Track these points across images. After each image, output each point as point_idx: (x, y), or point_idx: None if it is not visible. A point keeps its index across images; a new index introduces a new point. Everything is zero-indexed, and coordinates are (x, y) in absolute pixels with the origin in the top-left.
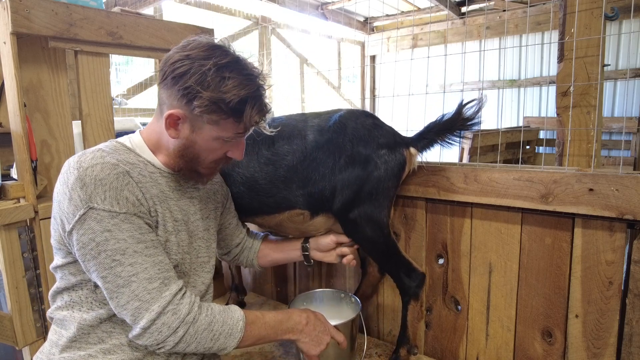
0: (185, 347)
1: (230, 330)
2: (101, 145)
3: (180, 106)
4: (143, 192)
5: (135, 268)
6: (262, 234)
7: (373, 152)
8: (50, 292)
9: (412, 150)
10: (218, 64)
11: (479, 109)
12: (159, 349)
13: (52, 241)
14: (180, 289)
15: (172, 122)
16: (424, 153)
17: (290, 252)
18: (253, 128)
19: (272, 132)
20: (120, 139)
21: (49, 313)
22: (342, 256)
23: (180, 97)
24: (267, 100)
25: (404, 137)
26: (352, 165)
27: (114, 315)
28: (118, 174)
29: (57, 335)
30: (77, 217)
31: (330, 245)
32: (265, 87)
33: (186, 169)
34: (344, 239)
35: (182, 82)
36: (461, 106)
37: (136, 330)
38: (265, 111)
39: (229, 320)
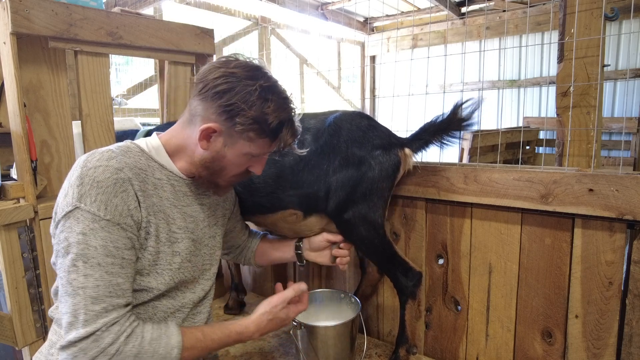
0: None
1: None
2: (113, 146)
3: (218, 121)
4: (140, 202)
5: (88, 281)
6: (262, 232)
7: (367, 154)
8: (52, 288)
9: (407, 151)
10: (262, 86)
11: (475, 110)
12: None
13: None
14: (116, 317)
15: (206, 135)
16: (420, 153)
17: (285, 251)
18: (285, 149)
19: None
20: (136, 141)
21: (50, 312)
22: (335, 257)
23: (220, 112)
24: (298, 124)
25: (399, 138)
26: (346, 166)
27: None
28: (117, 180)
29: (56, 335)
30: (64, 212)
31: (323, 244)
32: (296, 111)
33: (206, 179)
34: (336, 237)
35: (226, 98)
36: (457, 107)
37: (61, 342)
38: (297, 134)
39: (161, 349)
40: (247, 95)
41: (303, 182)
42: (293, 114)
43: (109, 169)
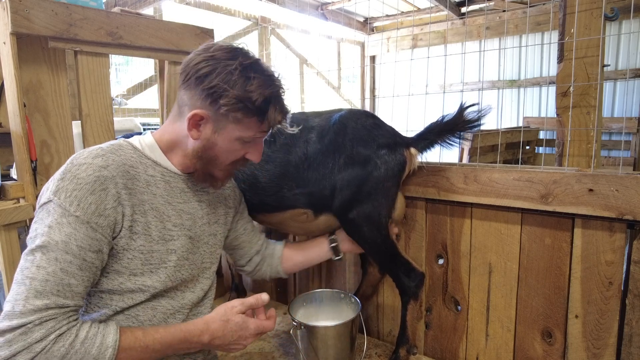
0: None
1: None
2: (104, 144)
3: (204, 106)
4: (122, 201)
5: (39, 273)
6: (282, 241)
7: (373, 152)
8: None
9: (413, 150)
10: (243, 64)
11: (480, 117)
12: None
13: None
14: (53, 314)
15: (195, 123)
16: (424, 153)
17: (314, 250)
18: (275, 128)
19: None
20: (130, 139)
21: None
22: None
23: (204, 97)
24: (286, 102)
25: (405, 137)
26: (351, 165)
27: (107, 318)
28: (98, 177)
29: None
30: (40, 204)
31: None
32: (284, 89)
33: (202, 171)
34: None
35: (208, 81)
36: (463, 108)
37: None
38: (286, 111)
39: (94, 349)
40: (228, 75)
41: (309, 180)
42: (280, 90)
43: (92, 166)
